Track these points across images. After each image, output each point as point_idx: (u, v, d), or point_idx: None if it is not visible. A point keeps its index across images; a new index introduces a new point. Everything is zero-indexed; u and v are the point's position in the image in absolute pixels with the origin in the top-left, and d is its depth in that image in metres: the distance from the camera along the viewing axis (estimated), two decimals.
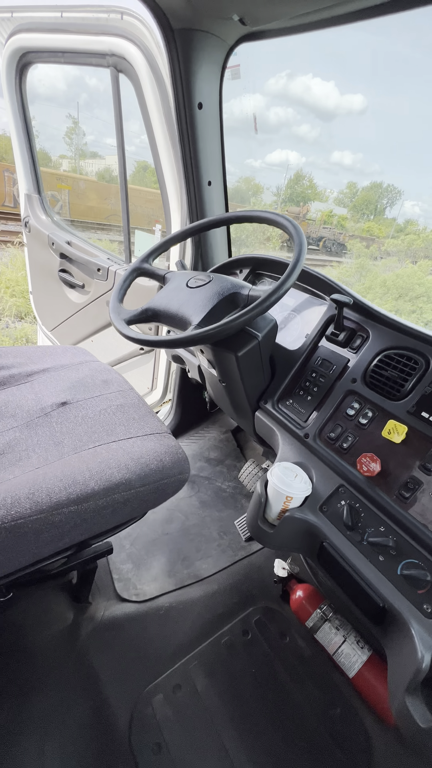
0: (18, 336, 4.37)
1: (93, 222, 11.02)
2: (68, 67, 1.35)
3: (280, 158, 66.58)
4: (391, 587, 0.66)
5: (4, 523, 0.52)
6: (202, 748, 0.77)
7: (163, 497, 0.73)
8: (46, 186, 1.90)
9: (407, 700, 0.57)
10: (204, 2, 0.82)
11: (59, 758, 0.70)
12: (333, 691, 0.89)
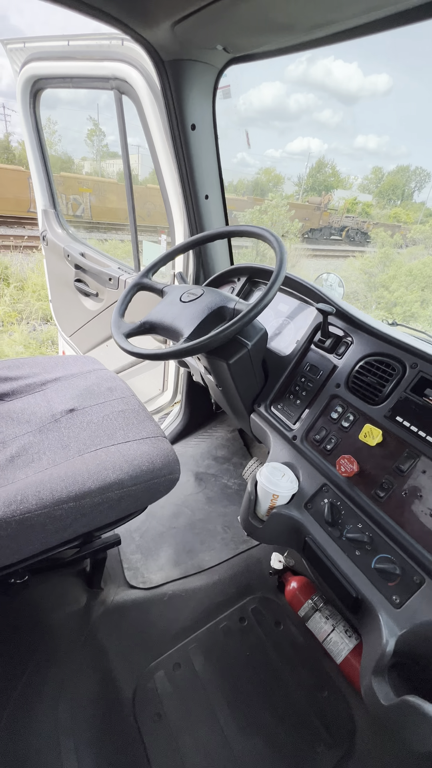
0: (44, 339, 4.60)
1: (114, 223, 11.28)
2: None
3: (301, 146, 64.99)
4: (365, 579, 0.71)
5: (14, 516, 0.62)
6: (197, 719, 0.86)
7: (156, 495, 0.81)
8: (69, 190, 1.99)
9: (373, 681, 0.63)
10: (188, 36, 0.88)
11: (70, 722, 0.81)
12: (321, 675, 0.95)
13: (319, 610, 1.02)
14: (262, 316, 1.17)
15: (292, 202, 18.68)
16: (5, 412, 0.96)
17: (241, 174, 42.17)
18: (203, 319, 0.89)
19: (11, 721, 0.78)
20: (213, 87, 1.10)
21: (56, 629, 0.96)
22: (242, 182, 27.29)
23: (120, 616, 1.04)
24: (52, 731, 0.78)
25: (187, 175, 1.22)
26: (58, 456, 0.82)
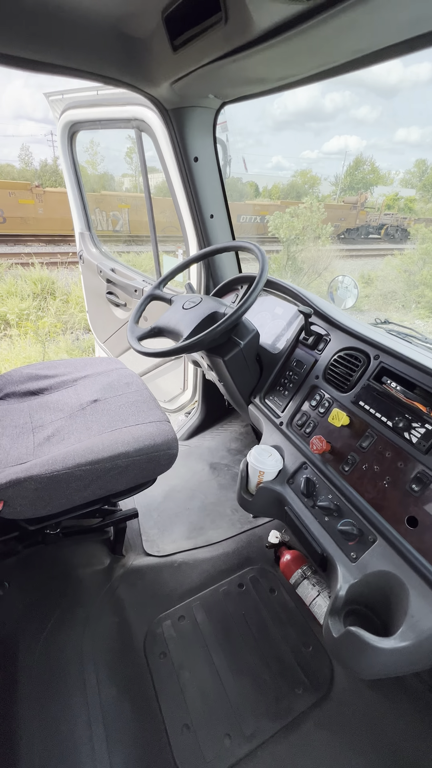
0: (85, 347, 5.01)
1: (149, 236, 11.82)
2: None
3: (338, 145, 63.81)
4: (330, 540, 0.84)
5: (45, 474, 0.82)
6: (196, 660, 1.02)
7: (159, 467, 0.99)
8: (109, 207, 2.21)
9: (329, 619, 0.76)
10: (185, 90, 1.07)
11: (92, 649, 1.00)
12: (307, 633, 1.08)
13: (307, 577, 1.14)
14: (263, 319, 1.32)
15: (327, 203, 18.41)
16: (44, 403, 1.20)
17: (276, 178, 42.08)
18: (199, 322, 1.07)
19: (46, 643, 0.98)
20: (212, 125, 1.28)
21: (84, 581, 1.16)
22: (276, 186, 27.21)
23: (137, 576, 1.23)
24: (77, 654, 0.97)
25: (193, 198, 1.41)
26: (82, 435, 1.03)
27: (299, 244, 9.60)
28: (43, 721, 0.85)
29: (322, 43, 0.73)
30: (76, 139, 2.00)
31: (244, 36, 0.75)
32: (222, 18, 0.75)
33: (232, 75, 0.95)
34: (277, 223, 9.23)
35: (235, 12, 0.71)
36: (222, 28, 0.76)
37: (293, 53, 0.79)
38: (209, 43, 0.82)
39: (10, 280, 6.61)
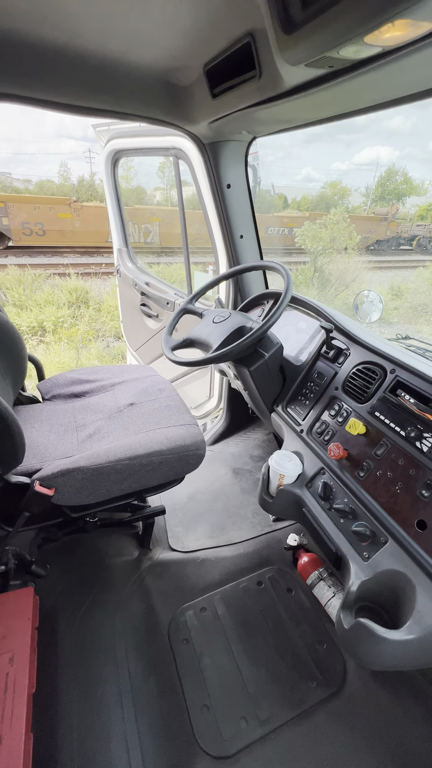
0: (116, 354, 5.25)
1: (179, 247, 12.22)
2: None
3: (369, 157, 63.42)
4: (345, 540, 0.91)
5: (90, 466, 0.94)
6: (216, 648, 1.09)
7: (188, 466, 1.09)
8: (141, 220, 2.36)
9: (341, 613, 0.82)
10: (221, 128, 1.20)
11: (122, 628, 1.10)
12: (322, 632, 1.13)
13: (323, 579, 1.20)
14: (287, 333, 1.41)
15: (356, 214, 18.27)
16: (86, 404, 1.33)
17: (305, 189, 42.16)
18: (228, 335, 1.17)
19: (83, 619, 1.09)
20: (244, 155, 1.40)
21: (115, 569, 1.27)
22: (305, 198, 27.23)
23: (162, 569, 1.33)
24: (110, 631, 1.08)
25: (225, 221, 1.53)
26: (120, 434, 1.15)
27: (326, 256, 9.61)
28: (80, 684, 0.95)
29: (344, 95, 0.83)
30: (118, 165, 2.19)
31: (274, 90, 0.86)
32: (256, 74, 0.86)
33: (263, 117, 1.06)
34: (305, 235, 9.30)
35: (267, 71, 0.83)
36: (256, 82, 0.88)
37: (318, 103, 0.89)
38: (244, 93, 0.94)
39: (48, 290, 7.01)
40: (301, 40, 0.63)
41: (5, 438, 0.83)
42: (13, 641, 0.87)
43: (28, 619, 0.93)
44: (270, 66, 0.81)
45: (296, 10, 0.61)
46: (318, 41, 0.61)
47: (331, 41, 0.59)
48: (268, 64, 0.81)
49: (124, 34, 0.91)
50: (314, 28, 0.59)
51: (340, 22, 0.55)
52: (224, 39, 0.87)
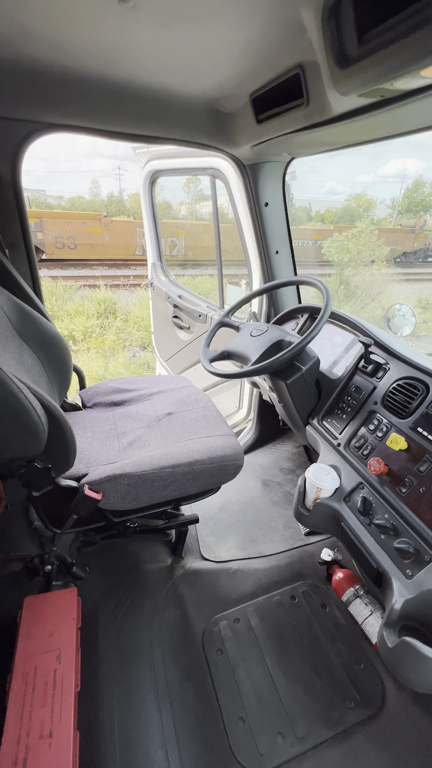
0: (141, 363, 5.37)
1: (204, 259, 12.47)
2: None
3: (395, 169, 62.98)
4: (386, 557, 0.91)
5: (135, 473, 0.98)
6: (250, 660, 1.09)
7: (226, 476, 1.11)
8: (167, 233, 2.45)
9: (384, 631, 0.82)
10: (263, 151, 1.25)
11: (159, 634, 1.12)
12: (359, 652, 1.11)
13: (359, 596, 1.18)
14: (322, 346, 1.43)
15: (382, 227, 18.09)
16: (126, 413, 1.38)
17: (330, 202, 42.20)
18: (266, 349, 1.20)
19: (122, 622, 1.12)
20: (282, 175, 1.45)
21: (150, 575, 1.30)
22: (329, 211, 27.21)
23: (195, 577, 1.34)
24: (147, 636, 1.10)
25: (261, 237, 1.58)
26: (160, 443, 1.19)
27: (353, 268, 9.55)
28: (121, 687, 0.97)
29: (391, 120, 0.86)
30: (155, 184, 2.29)
31: (321, 116, 0.90)
32: (304, 102, 0.90)
33: (306, 141, 1.11)
34: (331, 247, 9.30)
35: (315, 99, 0.87)
36: (303, 110, 0.92)
37: (364, 127, 0.92)
38: (290, 119, 0.99)
39: (78, 301, 7.29)
40: (355, 73, 0.67)
41: (60, 443, 0.88)
42: (60, 639, 0.91)
43: (73, 618, 0.96)
44: (319, 95, 0.85)
45: (352, 47, 0.65)
46: (372, 75, 0.64)
47: (385, 75, 0.62)
48: (316, 93, 0.85)
49: (178, 68, 0.98)
50: (370, 63, 0.62)
51: (397, 58, 0.58)
52: (273, 71, 0.93)
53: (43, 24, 0.78)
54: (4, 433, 0.73)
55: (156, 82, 1.05)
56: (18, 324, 1.13)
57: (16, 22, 0.78)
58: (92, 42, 0.86)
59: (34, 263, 1.38)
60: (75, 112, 1.11)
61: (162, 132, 1.22)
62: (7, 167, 1.17)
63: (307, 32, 0.73)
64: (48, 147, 47.35)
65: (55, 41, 0.85)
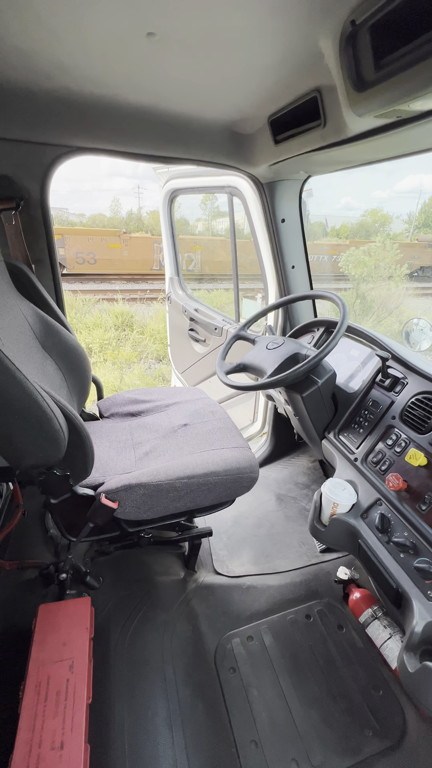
0: (156, 375, 5.43)
1: (220, 274, 12.69)
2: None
3: (411, 184, 63.12)
4: (406, 577, 0.88)
5: (152, 483, 0.99)
6: (264, 680, 1.06)
7: (241, 488, 1.11)
8: (183, 248, 2.50)
9: (404, 655, 0.79)
10: (280, 170, 1.28)
11: (170, 649, 1.10)
12: (377, 677, 1.06)
13: (377, 618, 1.14)
14: (338, 360, 1.42)
15: (400, 241, 18.04)
16: (142, 423, 1.40)
17: (345, 218, 42.46)
18: (282, 362, 1.21)
19: (133, 635, 1.11)
20: (299, 192, 1.48)
21: (163, 587, 1.29)
22: (345, 226, 27.35)
23: (208, 592, 1.32)
24: (159, 650, 1.08)
25: (278, 252, 1.60)
26: (176, 454, 1.19)
27: (369, 282, 9.51)
28: (132, 701, 0.96)
29: (408, 139, 0.88)
30: (174, 203, 2.36)
31: (338, 136, 0.92)
32: (321, 123, 0.93)
33: (323, 160, 1.13)
34: (348, 261, 9.31)
35: (333, 120, 0.89)
36: (320, 130, 0.95)
37: (380, 146, 0.94)
38: (307, 139, 1.02)
39: (96, 313, 7.48)
40: (372, 96, 0.69)
41: (79, 451, 0.90)
42: (73, 649, 0.91)
43: (86, 628, 0.96)
44: (336, 116, 0.88)
45: (368, 72, 0.67)
46: (389, 97, 0.66)
47: (402, 97, 0.64)
48: (334, 114, 0.88)
49: (200, 94, 1.03)
50: (386, 87, 0.64)
51: (413, 81, 0.60)
52: (291, 94, 0.96)
53: (78, 59, 0.84)
54: (27, 439, 0.75)
55: (178, 106, 1.10)
56: (41, 335, 1.18)
57: (51, 56, 0.84)
58: (121, 72, 0.91)
59: (58, 278, 1.43)
60: (101, 136, 1.17)
61: (183, 153, 1.27)
62: (36, 188, 1.23)
63: (325, 58, 0.76)
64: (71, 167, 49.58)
65: (87, 73, 0.91)
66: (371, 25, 0.62)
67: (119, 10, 0.67)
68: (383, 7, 0.58)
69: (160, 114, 1.14)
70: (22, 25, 0.72)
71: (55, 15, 0.70)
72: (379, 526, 0.98)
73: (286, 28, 0.71)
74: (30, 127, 1.11)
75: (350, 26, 0.65)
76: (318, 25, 0.68)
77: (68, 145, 1.19)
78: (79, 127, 1.14)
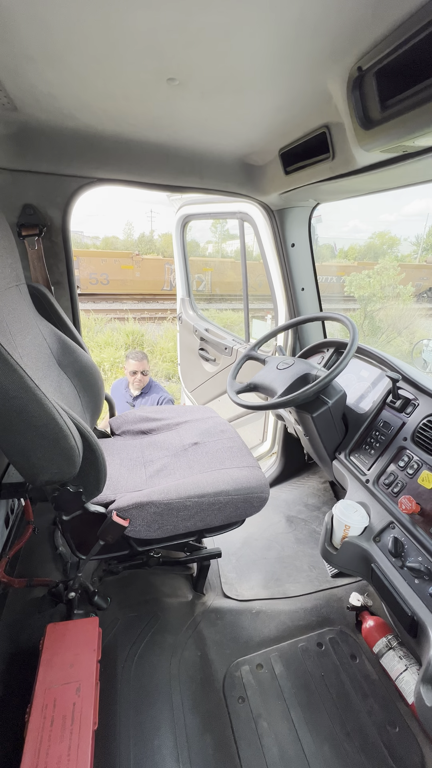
0: None
1: (229, 294, 12.91)
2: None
3: (419, 208, 64.35)
4: (421, 603, 0.86)
5: (162, 501, 0.99)
6: (274, 712, 1.03)
7: (251, 508, 1.10)
8: (194, 270, 2.57)
9: (422, 687, 0.76)
10: (290, 198, 1.34)
11: (178, 675, 1.07)
12: (393, 713, 1.02)
13: (392, 648, 1.10)
14: (349, 381, 1.43)
15: (407, 263, 18.23)
16: (153, 441, 1.42)
17: (353, 240, 43.14)
18: (292, 382, 1.22)
19: (140, 659, 1.09)
20: (308, 218, 1.53)
21: (171, 610, 1.26)
22: (353, 248, 27.80)
23: (216, 616, 1.30)
24: (166, 676, 1.06)
25: (288, 275, 1.64)
26: (186, 472, 1.20)
27: (377, 303, 9.57)
28: (138, 729, 0.93)
29: (414, 171, 0.92)
30: (187, 227, 2.46)
31: (346, 168, 0.97)
32: (330, 156, 0.98)
33: (331, 189, 1.18)
34: (352, 284, 9.44)
35: (341, 154, 0.94)
36: (329, 163, 1.00)
37: (387, 177, 0.98)
38: (316, 171, 1.07)
39: (108, 332, 7.63)
40: (378, 134, 0.73)
41: (92, 468, 0.92)
42: (80, 671, 0.90)
43: (94, 650, 0.95)
44: (344, 150, 0.92)
45: (375, 111, 0.71)
46: (395, 134, 0.70)
47: (407, 135, 0.68)
48: (342, 148, 0.93)
49: (215, 131, 1.09)
50: (392, 126, 0.68)
51: (418, 120, 0.64)
52: (301, 130, 1.02)
53: (102, 101, 0.91)
54: (44, 455, 0.77)
55: (194, 141, 1.17)
56: (58, 354, 1.22)
57: (78, 99, 0.91)
58: (141, 112, 0.98)
59: (75, 298, 1.49)
60: (121, 169, 1.25)
61: (197, 183, 1.33)
62: (59, 216, 1.30)
63: (333, 99, 0.81)
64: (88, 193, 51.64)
65: (109, 113, 0.98)
66: (377, 71, 0.66)
67: (143, 58, 0.73)
68: (388, 55, 0.63)
69: (177, 149, 1.21)
70: (55, 74, 0.79)
71: (84, 65, 0.76)
72: (392, 550, 0.96)
73: (297, 72, 0.76)
74: (55, 161, 1.18)
75: (357, 72, 0.69)
76: (326, 71, 0.73)
77: (90, 177, 1.27)
78: (101, 161, 1.22)
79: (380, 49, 0.63)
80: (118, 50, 0.70)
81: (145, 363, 2.87)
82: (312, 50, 0.68)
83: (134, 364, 2.84)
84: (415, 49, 0.59)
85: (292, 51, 0.69)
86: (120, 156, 1.22)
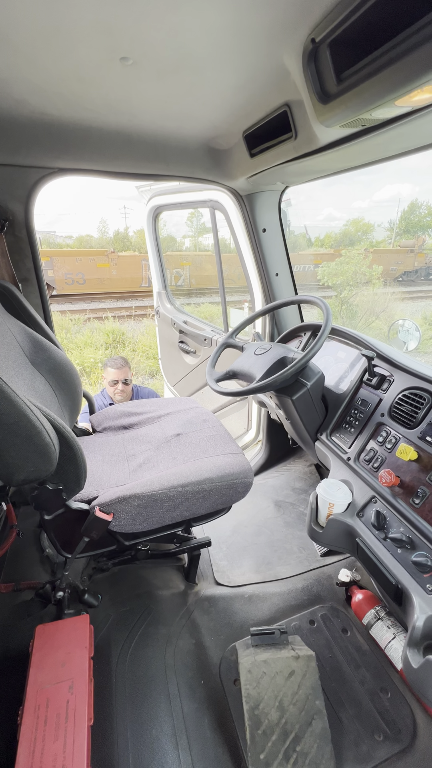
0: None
1: (207, 288, 12.85)
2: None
3: (390, 194, 65.24)
4: (404, 571, 0.88)
5: (146, 493, 0.98)
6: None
7: (236, 494, 1.11)
8: (172, 265, 2.54)
9: (407, 651, 0.78)
10: (258, 182, 1.33)
11: (173, 664, 1.07)
12: (384, 679, 1.05)
13: (381, 619, 1.13)
14: (326, 362, 1.44)
15: (381, 248, 18.52)
16: (135, 435, 1.40)
17: (328, 228, 43.46)
18: (270, 366, 1.22)
19: (134, 652, 1.09)
20: (277, 203, 1.53)
21: (163, 602, 1.26)
22: (329, 235, 28.04)
23: (210, 604, 1.30)
24: (161, 666, 1.06)
25: (261, 261, 1.64)
26: (170, 463, 1.19)
27: (352, 289, 9.71)
28: (135, 720, 0.93)
29: (375, 146, 0.92)
30: (159, 219, 2.42)
31: (309, 147, 0.97)
32: (292, 135, 0.97)
33: (297, 170, 1.18)
34: (324, 273, 9.57)
35: (303, 132, 0.94)
36: (292, 142, 0.99)
37: (350, 154, 0.98)
38: (281, 151, 1.06)
39: (87, 333, 7.49)
40: (336, 107, 0.72)
41: (71, 464, 0.90)
42: (72, 669, 0.89)
43: (85, 647, 0.94)
44: (306, 128, 0.92)
45: (331, 85, 0.71)
46: (352, 107, 0.70)
47: (364, 106, 0.68)
48: (303, 126, 0.92)
49: (176, 113, 1.07)
50: (349, 98, 0.68)
51: (373, 91, 0.64)
52: (263, 110, 1.01)
53: (53, 82, 0.87)
54: (18, 454, 0.75)
55: (156, 126, 1.15)
56: (30, 352, 1.18)
57: (30, 82, 0.87)
58: (98, 95, 0.95)
59: (45, 296, 1.45)
60: (82, 158, 1.21)
61: (163, 170, 1.31)
62: (20, 209, 1.26)
63: (291, 75, 0.80)
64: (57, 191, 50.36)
65: (64, 97, 0.95)
66: (330, 42, 0.66)
67: (93, 35, 0.71)
68: (339, 24, 0.62)
69: (138, 134, 1.18)
70: (0, 55, 0.75)
71: (31, 45, 0.73)
72: (375, 523, 0.98)
73: (252, 48, 0.75)
74: (11, 151, 1.14)
75: (311, 44, 0.69)
76: (281, 44, 0.72)
77: (50, 167, 1.22)
78: (60, 150, 1.18)
79: (331, 18, 0.62)
80: (66, 26, 0.67)
81: (126, 371, 2.48)
82: (264, 22, 0.66)
83: (114, 373, 2.45)
84: (366, 17, 0.59)
85: (244, 24, 0.67)
86: (80, 144, 1.18)
